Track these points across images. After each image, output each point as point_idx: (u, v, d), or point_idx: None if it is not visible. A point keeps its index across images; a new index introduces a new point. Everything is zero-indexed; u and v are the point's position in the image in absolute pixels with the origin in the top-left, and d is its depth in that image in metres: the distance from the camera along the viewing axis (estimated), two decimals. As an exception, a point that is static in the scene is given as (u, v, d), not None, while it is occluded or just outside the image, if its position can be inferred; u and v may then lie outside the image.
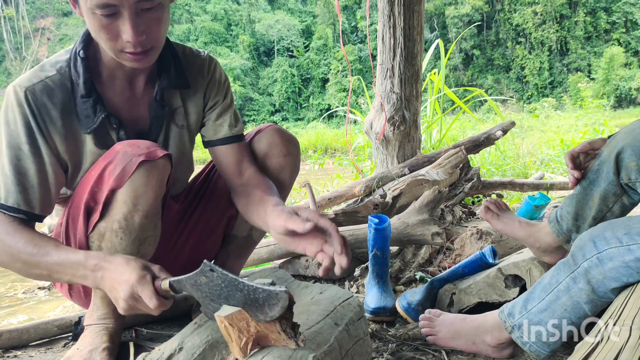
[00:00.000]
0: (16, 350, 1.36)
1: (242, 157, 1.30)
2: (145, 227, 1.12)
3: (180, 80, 1.24)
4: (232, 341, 0.81)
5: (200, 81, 1.29)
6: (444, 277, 1.52)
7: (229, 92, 1.34)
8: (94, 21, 1.01)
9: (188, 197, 1.46)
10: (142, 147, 1.07)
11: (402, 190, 2.48)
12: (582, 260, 1.04)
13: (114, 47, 1.04)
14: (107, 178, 1.06)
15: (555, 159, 5.33)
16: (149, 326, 1.47)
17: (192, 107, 1.29)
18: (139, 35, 1.01)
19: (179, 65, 1.25)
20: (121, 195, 1.06)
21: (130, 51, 1.04)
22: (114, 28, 1.01)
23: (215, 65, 1.32)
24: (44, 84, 1.09)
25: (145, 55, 1.07)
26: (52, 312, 2.13)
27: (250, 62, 41.16)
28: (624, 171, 1.19)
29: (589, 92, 9.97)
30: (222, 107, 1.32)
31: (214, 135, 1.32)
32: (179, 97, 1.27)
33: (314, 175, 6.52)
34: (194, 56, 1.30)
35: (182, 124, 1.29)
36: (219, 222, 1.49)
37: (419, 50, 2.97)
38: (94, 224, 1.11)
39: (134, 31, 1.00)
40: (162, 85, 1.22)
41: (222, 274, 0.80)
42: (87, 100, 1.11)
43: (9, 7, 43.17)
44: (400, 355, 1.24)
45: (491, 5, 40.07)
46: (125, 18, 1.00)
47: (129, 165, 1.04)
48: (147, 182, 1.06)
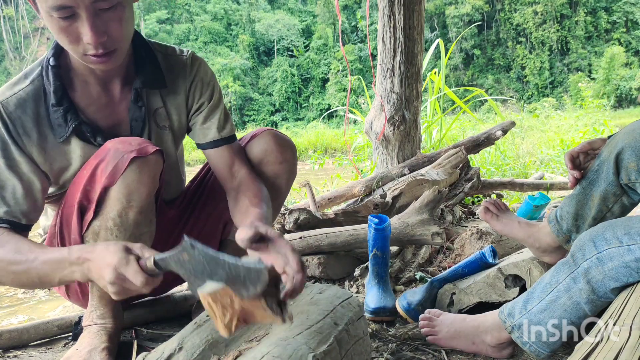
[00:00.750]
0: (16, 350, 1.36)
1: (233, 160, 1.27)
2: (140, 223, 1.11)
3: (157, 80, 1.21)
4: (217, 318, 0.81)
5: (181, 82, 1.26)
6: (444, 277, 1.52)
7: (215, 91, 1.30)
8: (53, 24, 0.99)
9: (183, 202, 1.45)
10: (134, 143, 1.07)
11: (402, 190, 2.48)
12: (582, 260, 1.04)
13: (77, 50, 1.02)
14: (99, 176, 1.06)
15: (555, 159, 5.33)
16: (149, 326, 1.47)
17: (173, 108, 1.27)
18: (99, 37, 0.99)
19: (156, 65, 1.22)
20: (114, 192, 1.06)
21: (92, 53, 1.02)
22: (73, 30, 0.99)
23: (199, 65, 1.28)
24: (17, 97, 1.08)
25: (109, 57, 1.04)
26: (52, 312, 2.13)
27: (250, 62, 41.14)
28: (624, 171, 1.19)
29: (589, 92, 9.96)
30: (208, 109, 1.28)
31: (203, 139, 1.29)
32: (159, 98, 1.25)
33: (314, 175, 6.52)
34: (176, 56, 1.27)
35: (164, 125, 1.27)
36: (215, 227, 1.48)
37: (419, 50, 2.97)
38: (88, 222, 1.10)
39: (93, 32, 0.98)
40: (136, 85, 1.19)
41: (203, 250, 0.79)
42: (57, 109, 1.10)
43: (8, 7, 43.16)
44: (400, 355, 1.24)
45: (491, 4, 40.04)
46: (83, 19, 0.97)
47: (121, 162, 1.04)
48: (139, 178, 1.06)
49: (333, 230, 1.94)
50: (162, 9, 43.01)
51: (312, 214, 2.13)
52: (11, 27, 43.03)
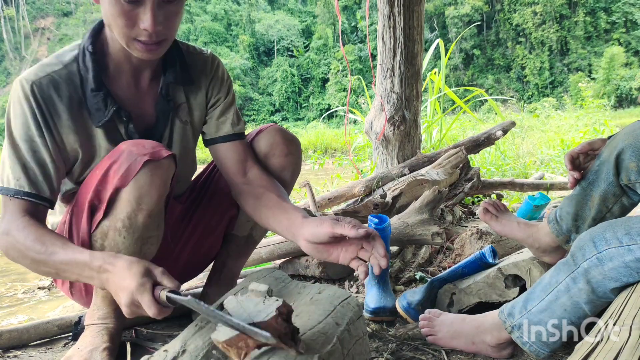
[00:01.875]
0: (16, 350, 1.36)
1: (244, 156, 1.31)
2: (149, 227, 1.12)
3: (185, 77, 1.26)
4: (231, 354, 0.81)
5: (203, 78, 1.31)
6: (444, 277, 1.52)
7: (231, 90, 1.36)
8: (116, 6, 1.02)
9: (190, 197, 1.47)
10: (147, 146, 1.08)
11: (402, 190, 2.48)
12: (582, 260, 1.04)
13: (128, 34, 1.05)
14: (111, 177, 1.07)
15: (555, 159, 5.34)
16: (149, 326, 1.47)
17: (195, 103, 1.31)
18: (157, 25, 1.03)
19: (184, 62, 1.26)
20: (125, 194, 1.07)
21: (144, 40, 1.05)
22: (133, 15, 1.02)
23: (218, 64, 1.34)
24: (50, 78, 1.10)
25: (158, 46, 1.08)
26: (52, 312, 2.13)
27: (250, 62, 41.16)
28: (624, 172, 1.19)
29: (589, 92, 9.95)
30: (224, 105, 1.33)
31: (216, 133, 1.32)
32: (182, 93, 1.29)
33: (314, 175, 6.53)
34: (197, 54, 1.32)
35: (186, 120, 1.30)
36: (219, 221, 1.49)
37: (419, 50, 2.97)
38: (98, 222, 1.11)
39: (153, 20, 1.02)
40: (167, 80, 1.23)
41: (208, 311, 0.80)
42: (97, 93, 1.12)
43: (9, 7, 43.18)
44: (400, 355, 1.24)
45: (491, 5, 40.06)
46: (147, 7, 1.01)
47: (134, 164, 1.05)
48: (151, 181, 1.07)
49: (333, 231, 1.94)
50: (162, 9, 42.98)
51: (312, 214, 2.13)
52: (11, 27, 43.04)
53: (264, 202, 1.22)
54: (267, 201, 1.21)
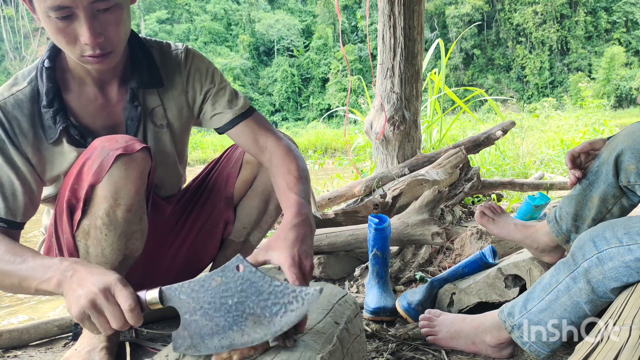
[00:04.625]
0: (16, 350, 1.37)
1: (255, 133, 1.25)
2: (130, 221, 1.11)
3: (154, 79, 1.22)
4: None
5: (178, 78, 1.27)
6: (444, 277, 1.52)
7: (216, 76, 1.29)
8: (50, 25, 0.99)
9: (182, 200, 1.45)
10: (120, 141, 1.06)
11: (402, 190, 2.47)
12: (582, 260, 1.04)
13: (74, 51, 1.03)
14: (85, 174, 1.06)
15: (555, 159, 5.34)
16: (149, 326, 1.47)
17: (172, 104, 1.27)
18: (97, 37, 0.99)
19: (152, 64, 1.22)
20: (101, 190, 1.05)
21: (89, 54, 1.02)
22: (71, 31, 0.99)
23: (192, 57, 1.28)
24: (14, 98, 1.09)
25: (106, 58, 1.05)
26: (52, 312, 2.13)
27: (250, 62, 41.14)
28: (623, 174, 1.19)
29: (589, 91, 9.96)
30: (214, 94, 1.28)
31: (219, 123, 1.29)
32: (157, 97, 1.25)
33: (314, 175, 6.52)
34: (170, 52, 1.27)
35: (161, 123, 1.27)
36: (215, 226, 1.48)
37: (419, 49, 2.97)
38: (78, 222, 1.10)
39: (90, 33, 0.98)
40: (132, 85, 1.19)
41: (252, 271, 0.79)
42: (47, 110, 1.10)
43: (8, 7, 43.17)
44: (400, 355, 1.24)
45: (491, 4, 40.04)
46: (81, 20, 0.97)
47: (106, 159, 1.03)
48: (126, 175, 1.05)
49: (333, 230, 1.95)
50: (162, 9, 43.00)
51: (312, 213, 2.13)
52: (11, 27, 43.03)
53: (276, 186, 1.15)
54: (278, 186, 1.14)
